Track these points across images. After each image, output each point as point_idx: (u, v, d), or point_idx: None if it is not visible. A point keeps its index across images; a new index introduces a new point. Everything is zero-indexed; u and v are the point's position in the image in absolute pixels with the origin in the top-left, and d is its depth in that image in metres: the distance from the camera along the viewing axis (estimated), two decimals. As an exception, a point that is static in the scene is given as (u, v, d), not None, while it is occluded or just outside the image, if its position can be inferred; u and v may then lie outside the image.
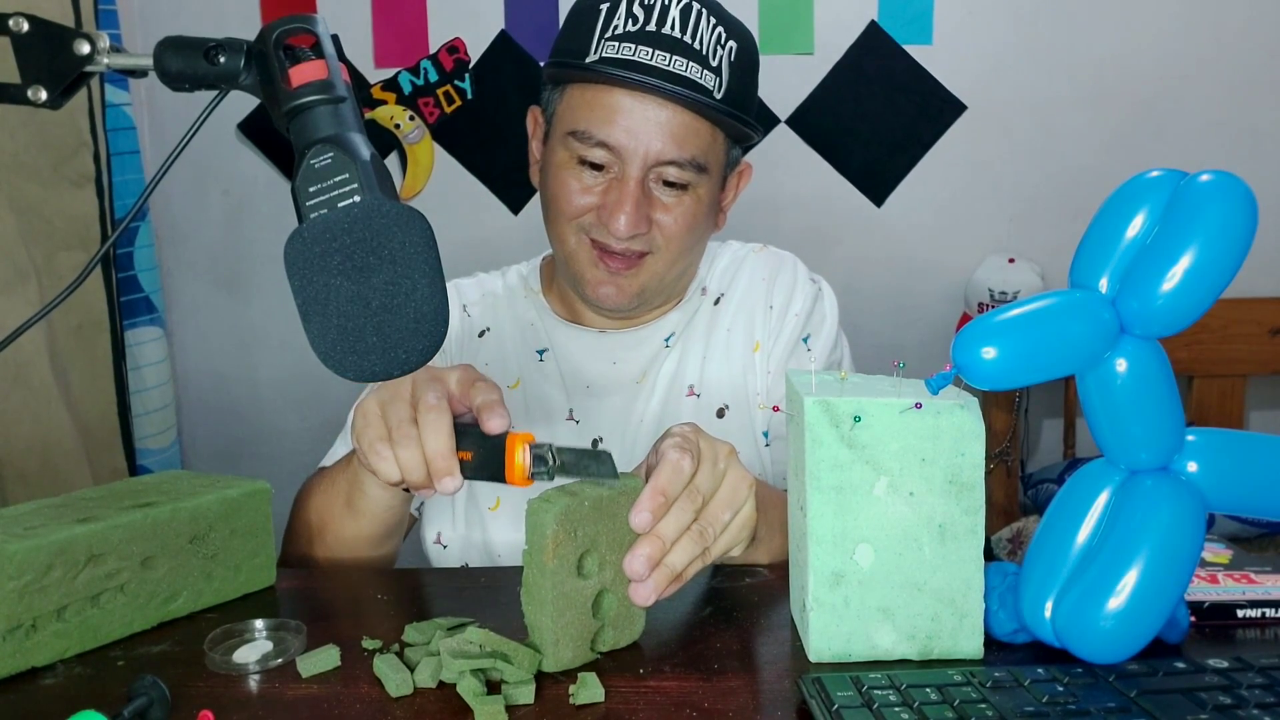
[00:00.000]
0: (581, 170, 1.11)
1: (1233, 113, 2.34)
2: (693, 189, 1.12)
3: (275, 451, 2.54)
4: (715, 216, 1.20)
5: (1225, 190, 0.68)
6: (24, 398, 1.64)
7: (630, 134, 1.08)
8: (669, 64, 1.06)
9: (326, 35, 0.75)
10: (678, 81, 1.06)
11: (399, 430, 0.82)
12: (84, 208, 1.78)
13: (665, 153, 1.08)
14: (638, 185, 1.09)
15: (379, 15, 2.40)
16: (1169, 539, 0.71)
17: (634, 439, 1.19)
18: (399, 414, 0.83)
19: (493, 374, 1.25)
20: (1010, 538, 1.99)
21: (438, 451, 0.81)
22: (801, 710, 0.70)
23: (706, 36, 1.08)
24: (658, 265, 1.14)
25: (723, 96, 1.09)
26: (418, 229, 0.72)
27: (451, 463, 0.81)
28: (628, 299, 1.16)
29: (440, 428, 0.81)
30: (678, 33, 1.07)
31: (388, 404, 0.85)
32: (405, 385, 0.85)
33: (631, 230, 1.09)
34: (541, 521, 0.75)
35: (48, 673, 0.80)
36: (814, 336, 1.22)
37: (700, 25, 1.08)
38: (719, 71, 1.08)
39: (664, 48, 1.06)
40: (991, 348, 0.69)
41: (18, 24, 0.78)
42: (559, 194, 1.13)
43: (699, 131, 1.09)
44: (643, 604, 0.76)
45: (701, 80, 1.07)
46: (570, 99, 1.12)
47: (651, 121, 1.07)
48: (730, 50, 1.09)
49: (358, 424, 0.86)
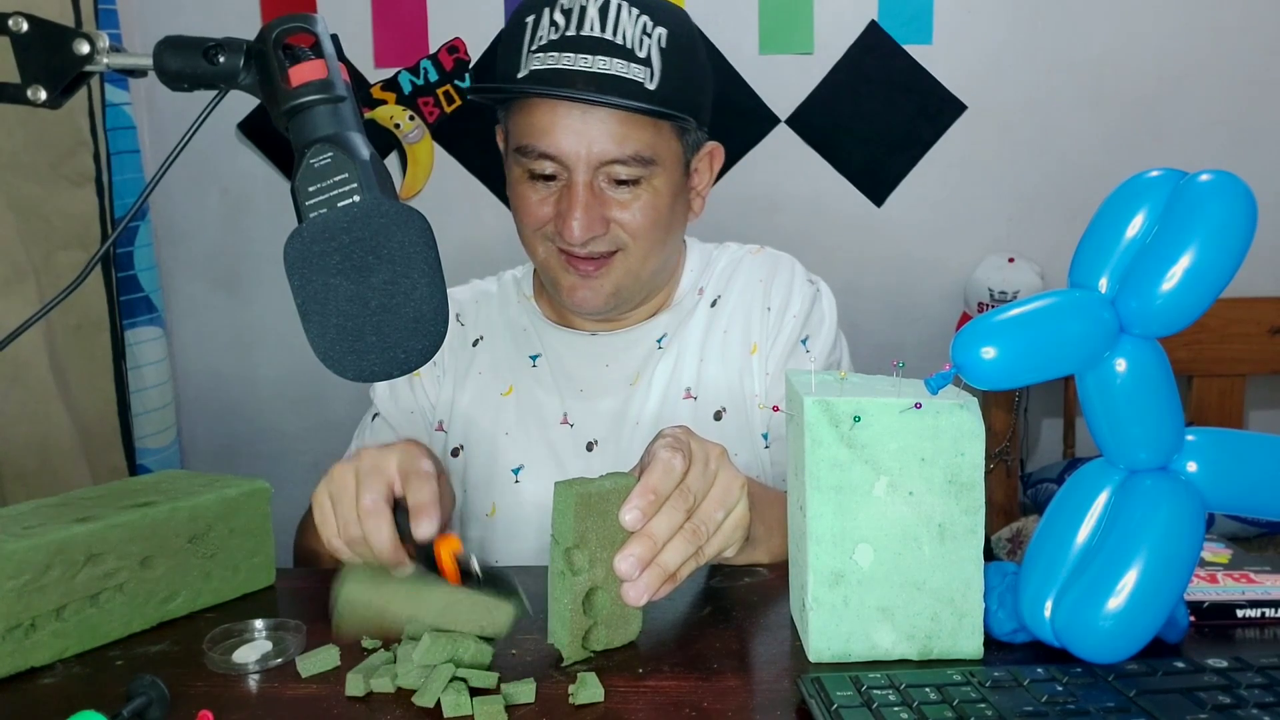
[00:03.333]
0: (534, 183, 1.13)
1: (1233, 113, 2.34)
2: (646, 183, 1.11)
3: (275, 451, 2.54)
4: (686, 204, 1.19)
5: (1225, 190, 0.68)
6: (23, 397, 1.64)
7: (569, 142, 1.08)
8: (592, 65, 1.06)
9: (326, 35, 0.75)
10: (605, 82, 1.06)
11: (346, 531, 0.86)
12: (83, 207, 1.78)
13: (607, 153, 1.08)
14: (586, 189, 1.09)
15: (379, 15, 2.40)
16: (1168, 539, 0.71)
17: (629, 441, 1.19)
18: (345, 514, 0.87)
19: (487, 381, 1.26)
20: (1010, 538, 1.99)
21: (382, 552, 0.85)
22: (801, 710, 0.70)
23: (630, 29, 1.07)
24: (629, 262, 1.14)
25: (658, 85, 1.08)
26: (417, 229, 0.72)
27: (399, 556, 0.85)
28: (603, 300, 1.16)
29: (381, 533, 0.84)
30: (599, 32, 1.06)
31: (336, 499, 0.88)
32: (350, 481, 0.87)
33: (585, 234, 1.09)
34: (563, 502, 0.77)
35: (47, 672, 0.80)
36: (812, 338, 1.22)
37: (621, 19, 1.07)
38: (648, 62, 1.07)
39: (586, 50, 1.06)
40: (991, 347, 0.69)
41: (17, 24, 0.78)
42: (519, 208, 1.16)
43: (638, 125, 1.09)
44: (635, 603, 0.76)
45: (629, 75, 1.06)
46: (513, 117, 1.14)
47: (588, 126, 1.08)
48: (660, 37, 1.08)
49: (316, 517, 0.89)
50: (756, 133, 2.38)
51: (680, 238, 1.23)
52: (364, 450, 0.90)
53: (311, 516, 1.13)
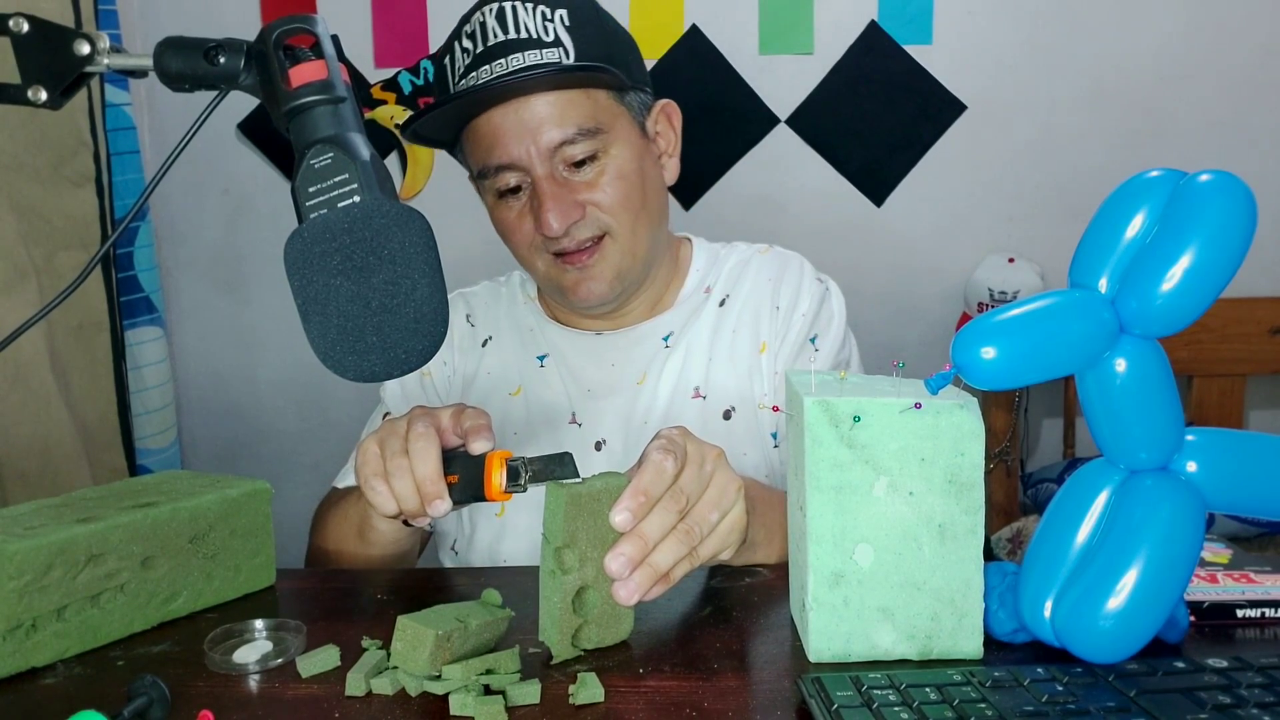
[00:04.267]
0: (506, 201, 1.15)
1: (1233, 113, 2.33)
2: (604, 155, 1.12)
3: (275, 451, 2.54)
4: (658, 170, 1.20)
5: (1225, 190, 0.68)
6: (24, 398, 1.64)
7: (514, 143, 1.10)
8: (508, 67, 1.08)
9: (326, 35, 0.76)
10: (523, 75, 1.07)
11: (392, 462, 0.87)
12: (84, 208, 1.78)
13: (551, 138, 1.10)
14: (549, 181, 1.11)
15: (379, 15, 2.40)
16: (1168, 539, 0.71)
17: (637, 440, 1.19)
18: (392, 447, 0.88)
19: (495, 382, 1.26)
20: (1010, 538, 1.99)
21: (426, 476, 0.85)
22: (801, 710, 0.70)
23: (530, 22, 1.09)
24: (620, 241, 1.15)
25: (575, 58, 1.09)
26: (417, 229, 0.72)
27: (440, 486, 0.86)
28: (607, 285, 1.16)
29: (428, 454, 0.86)
30: (502, 36, 1.09)
31: (384, 440, 0.89)
32: (401, 423, 0.90)
33: (563, 222, 1.10)
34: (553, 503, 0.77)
35: (48, 673, 0.80)
36: (821, 336, 1.22)
37: (519, 16, 1.09)
38: (558, 42, 1.09)
39: (497, 57, 1.08)
40: (991, 348, 0.69)
41: (18, 24, 0.78)
42: (503, 231, 1.18)
43: (571, 101, 1.10)
44: (625, 603, 0.76)
45: (543, 60, 1.08)
46: (465, 153, 1.17)
47: (525, 120, 1.09)
48: (561, 16, 1.10)
49: (358, 462, 0.91)
50: (756, 133, 2.38)
51: (665, 207, 1.22)
52: (417, 406, 0.93)
53: (329, 507, 1.14)
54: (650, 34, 2.34)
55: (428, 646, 0.73)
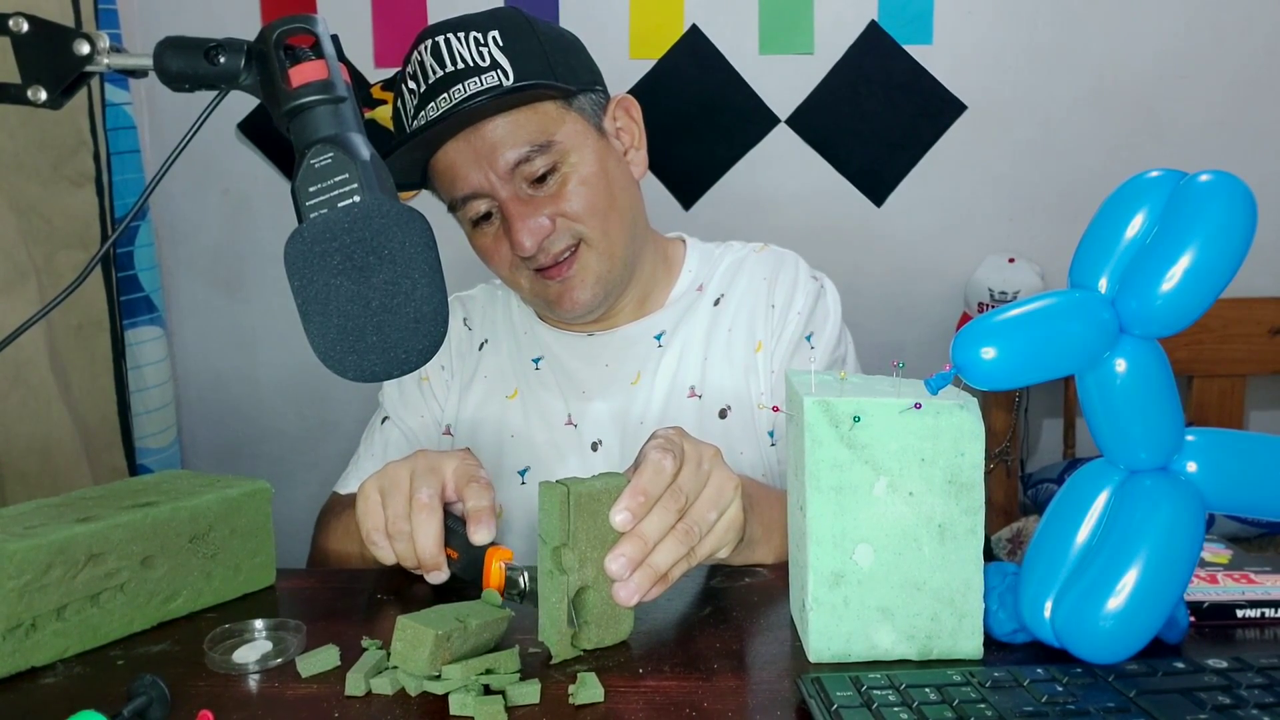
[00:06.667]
0: (480, 228, 1.16)
1: (1233, 113, 2.34)
2: (561, 165, 1.13)
3: (275, 451, 2.54)
4: (621, 166, 1.19)
5: (1225, 190, 0.68)
6: (24, 397, 1.64)
7: (471, 170, 1.11)
8: (451, 100, 1.09)
9: (326, 35, 0.76)
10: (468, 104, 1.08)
11: (394, 525, 0.88)
12: (84, 207, 1.78)
13: (507, 159, 1.10)
14: (514, 202, 1.11)
15: (379, 15, 2.40)
16: (1168, 539, 0.71)
17: (633, 441, 1.19)
18: (396, 508, 0.88)
19: (492, 385, 1.26)
20: (1010, 538, 1.99)
21: (426, 550, 0.86)
22: (801, 710, 0.70)
23: (464, 51, 1.10)
24: (596, 243, 1.15)
25: (515, 77, 1.09)
26: (417, 229, 0.72)
27: (440, 559, 0.87)
28: (590, 293, 1.16)
29: (430, 529, 0.86)
30: (440, 72, 1.10)
31: (387, 493, 0.89)
32: (404, 476, 0.90)
33: (535, 239, 1.11)
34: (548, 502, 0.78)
35: (47, 672, 0.80)
36: (817, 334, 1.22)
37: (454, 48, 1.10)
38: (495, 65, 1.09)
39: (439, 92, 1.10)
40: (991, 348, 0.69)
41: (18, 24, 0.78)
42: (484, 257, 1.19)
43: (518, 120, 1.11)
44: (626, 604, 0.76)
45: (484, 84, 1.09)
46: (432, 186, 1.19)
47: (476, 148, 1.11)
48: (494, 38, 1.10)
49: (359, 508, 0.91)
50: (756, 133, 2.38)
51: (638, 202, 1.22)
52: (421, 452, 0.93)
53: (332, 517, 1.15)
54: (650, 34, 2.35)
55: (427, 646, 0.73)
